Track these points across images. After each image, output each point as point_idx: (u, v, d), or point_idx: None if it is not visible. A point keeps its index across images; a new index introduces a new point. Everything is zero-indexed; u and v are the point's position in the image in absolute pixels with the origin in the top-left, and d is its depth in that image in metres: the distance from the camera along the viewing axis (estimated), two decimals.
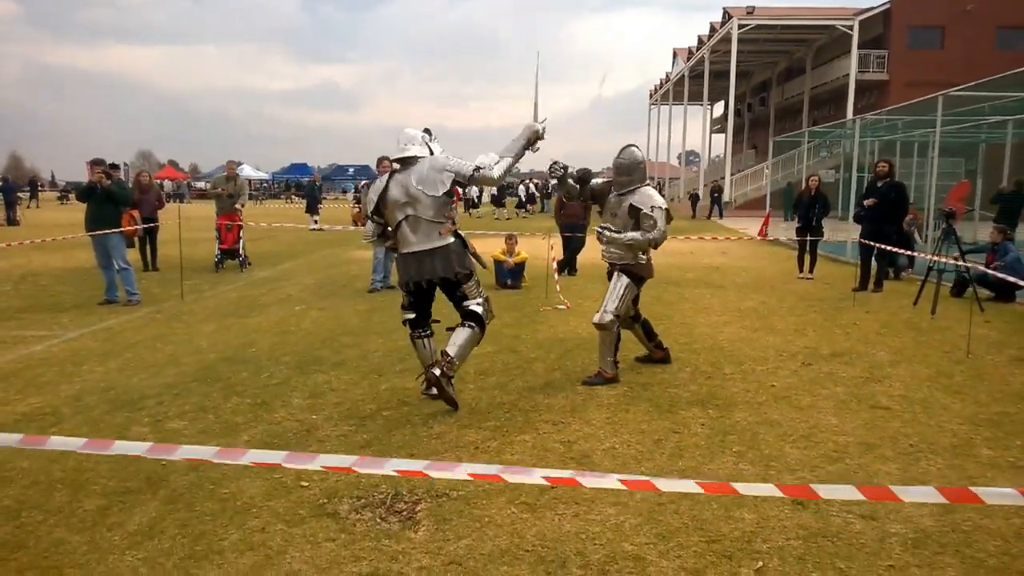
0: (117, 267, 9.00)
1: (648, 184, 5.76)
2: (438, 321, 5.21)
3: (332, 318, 8.24)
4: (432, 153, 4.94)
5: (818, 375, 5.92)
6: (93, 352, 6.57)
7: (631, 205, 5.57)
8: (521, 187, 36.50)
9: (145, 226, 11.91)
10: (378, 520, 3.38)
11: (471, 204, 31.82)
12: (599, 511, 3.47)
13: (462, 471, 2.23)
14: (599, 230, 5.70)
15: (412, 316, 5.11)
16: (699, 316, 8.48)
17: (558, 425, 4.68)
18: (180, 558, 3.05)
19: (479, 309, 5.01)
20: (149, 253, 12.56)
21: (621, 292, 5.63)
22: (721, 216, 31.89)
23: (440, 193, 4.82)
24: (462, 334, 4.98)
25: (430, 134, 5.05)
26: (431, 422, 4.72)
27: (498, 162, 4.90)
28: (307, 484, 3.77)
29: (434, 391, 4.84)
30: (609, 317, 5.56)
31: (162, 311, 8.65)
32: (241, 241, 12.51)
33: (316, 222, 22.22)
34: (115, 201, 9.11)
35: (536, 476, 2.17)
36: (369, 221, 5.12)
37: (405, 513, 3.45)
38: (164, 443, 3.99)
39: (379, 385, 5.56)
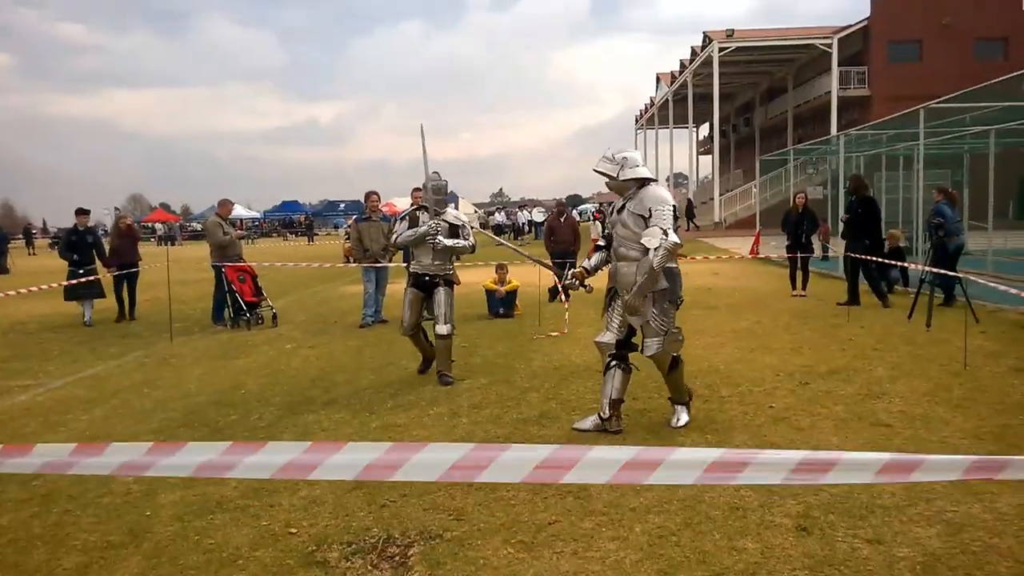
0: None
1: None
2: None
3: (323, 356, 8.13)
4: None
5: (816, 394, 5.83)
6: (79, 400, 6.45)
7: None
8: (522, 214, 36.96)
9: (122, 272, 11.26)
10: (369, 567, 3.26)
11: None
12: (598, 547, 3.36)
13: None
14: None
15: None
16: (694, 339, 8.37)
17: None
18: None
19: None
20: (127, 300, 11.45)
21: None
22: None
23: None
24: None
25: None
26: None
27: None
28: (296, 531, 3.65)
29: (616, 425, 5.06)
30: None
31: (151, 355, 8.53)
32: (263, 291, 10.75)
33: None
34: None
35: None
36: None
37: (397, 558, 3.33)
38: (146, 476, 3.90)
39: (370, 423, 5.45)
